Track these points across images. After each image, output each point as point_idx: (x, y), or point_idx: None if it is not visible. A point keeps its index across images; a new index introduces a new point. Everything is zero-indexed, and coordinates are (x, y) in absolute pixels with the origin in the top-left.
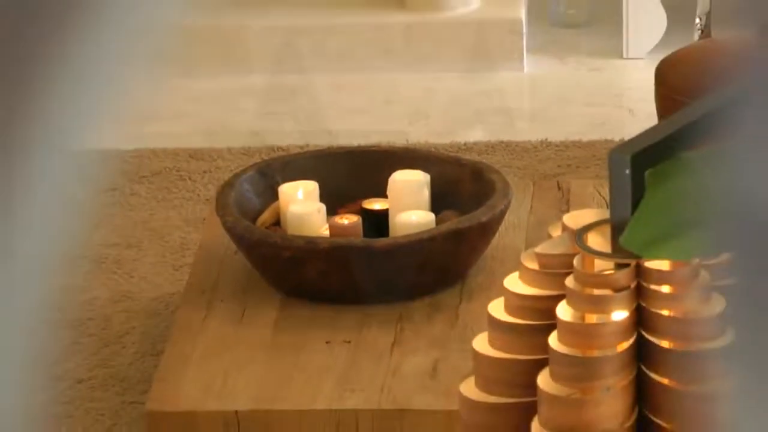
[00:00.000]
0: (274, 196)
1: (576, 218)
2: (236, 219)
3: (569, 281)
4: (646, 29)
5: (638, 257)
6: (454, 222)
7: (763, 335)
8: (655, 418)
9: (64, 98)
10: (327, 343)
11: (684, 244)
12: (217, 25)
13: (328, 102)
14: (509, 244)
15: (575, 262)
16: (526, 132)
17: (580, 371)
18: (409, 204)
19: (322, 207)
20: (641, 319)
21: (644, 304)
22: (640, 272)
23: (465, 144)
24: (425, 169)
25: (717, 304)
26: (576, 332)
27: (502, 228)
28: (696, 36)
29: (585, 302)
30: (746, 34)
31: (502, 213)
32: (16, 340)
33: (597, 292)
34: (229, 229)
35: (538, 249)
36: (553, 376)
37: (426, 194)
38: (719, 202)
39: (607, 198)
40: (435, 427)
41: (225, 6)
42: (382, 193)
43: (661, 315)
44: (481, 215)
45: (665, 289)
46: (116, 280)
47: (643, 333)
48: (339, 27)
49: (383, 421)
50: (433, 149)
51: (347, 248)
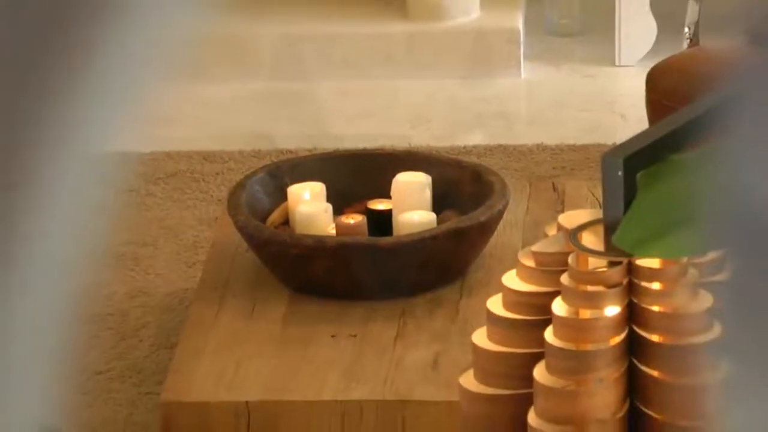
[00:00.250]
0: (283, 197)
1: (570, 218)
2: (247, 218)
3: (564, 278)
4: (637, 38)
5: (630, 255)
6: (455, 221)
7: (758, 331)
8: (645, 409)
9: (88, 103)
10: (333, 337)
11: (673, 242)
12: (229, 34)
13: (334, 107)
14: (507, 242)
15: (570, 260)
16: (523, 136)
17: (574, 364)
18: (411, 204)
19: (329, 207)
20: (632, 315)
21: (635, 300)
22: (631, 270)
23: (465, 147)
24: (427, 171)
25: (704, 301)
26: (570, 327)
27: (500, 227)
28: (685, 44)
29: (579, 298)
30: (734, 43)
31: (500, 213)
32: (43, 335)
33: (591, 288)
34: (241, 228)
35: (535, 247)
36: (549, 368)
37: (428, 195)
38: (711, 201)
39: (600, 199)
40: (436, 417)
41: (237, 16)
42: (385, 194)
43: (652, 310)
44: (480, 215)
45: (655, 286)
46: (133, 276)
47: (635, 328)
48: (344, 36)
49: (386, 412)
50: (434, 152)
51: (353, 246)
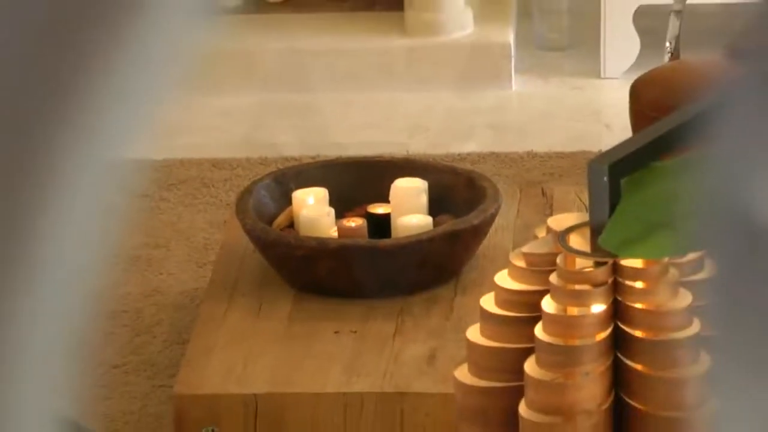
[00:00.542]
0: (289, 202)
1: (559, 221)
2: (254, 222)
3: (553, 278)
4: (622, 52)
5: (615, 256)
6: (450, 224)
7: (744, 332)
8: (629, 401)
9: (106, 111)
10: (335, 333)
11: (655, 244)
12: (239, 48)
13: (336, 117)
14: (499, 244)
15: (558, 260)
16: (514, 144)
17: (562, 358)
18: (409, 208)
19: (332, 211)
20: (617, 312)
21: (620, 298)
22: (616, 269)
23: (459, 155)
24: (424, 177)
25: (685, 298)
26: (559, 323)
27: (492, 230)
28: (666, 58)
29: (567, 296)
30: (714, 57)
31: (493, 216)
32: (63, 333)
33: (578, 287)
34: (248, 231)
35: (525, 249)
36: (539, 362)
37: (424, 200)
38: (692, 205)
39: (587, 203)
40: (433, 409)
41: (246, 31)
42: (384, 199)
43: (635, 308)
44: (473, 218)
45: (639, 284)
46: (147, 276)
47: (619, 324)
48: (347, 50)
49: (386, 403)
50: (430, 159)
51: (354, 248)
